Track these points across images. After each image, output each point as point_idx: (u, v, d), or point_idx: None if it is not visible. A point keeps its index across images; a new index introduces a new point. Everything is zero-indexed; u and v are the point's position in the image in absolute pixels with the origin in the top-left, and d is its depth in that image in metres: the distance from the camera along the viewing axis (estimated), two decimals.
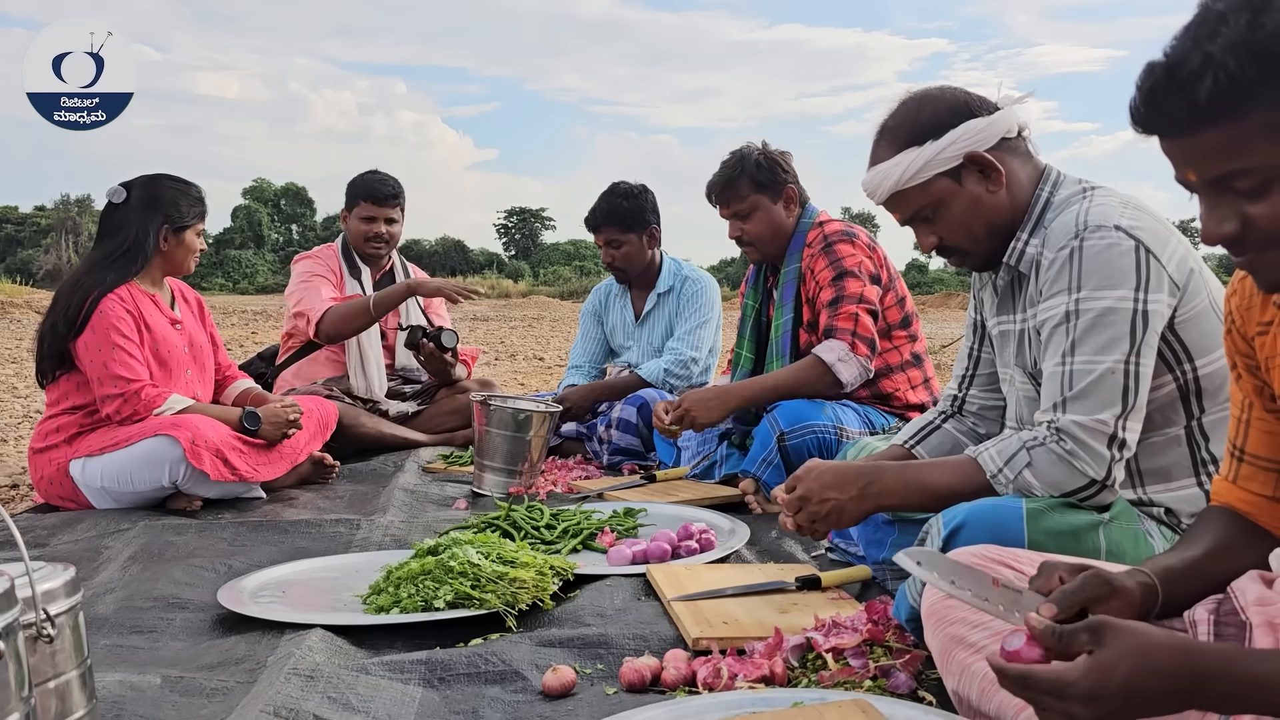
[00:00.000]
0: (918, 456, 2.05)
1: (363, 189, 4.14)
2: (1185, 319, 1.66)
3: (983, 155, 1.73)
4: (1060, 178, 1.80)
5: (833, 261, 3.01)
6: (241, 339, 12.46)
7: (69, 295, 3.04)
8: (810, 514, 1.78)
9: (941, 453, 2.05)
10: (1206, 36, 0.93)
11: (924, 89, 1.81)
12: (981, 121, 1.73)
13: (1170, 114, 0.97)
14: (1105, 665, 0.93)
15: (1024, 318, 1.82)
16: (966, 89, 1.80)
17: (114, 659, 1.77)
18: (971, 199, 1.76)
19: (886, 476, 1.76)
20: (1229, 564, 1.22)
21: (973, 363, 2.07)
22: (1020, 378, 1.85)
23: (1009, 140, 1.76)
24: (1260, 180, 0.96)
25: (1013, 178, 1.77)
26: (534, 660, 1.68)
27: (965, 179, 1.75)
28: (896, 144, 1.76)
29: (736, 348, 3.36)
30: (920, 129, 1.74)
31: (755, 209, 3.11)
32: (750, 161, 3.10)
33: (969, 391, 2.07)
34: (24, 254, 52.94)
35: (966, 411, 2.08)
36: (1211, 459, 1.69)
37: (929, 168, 1.73)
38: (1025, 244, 1.78)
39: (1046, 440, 1.63)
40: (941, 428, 2.08)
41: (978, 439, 2.05)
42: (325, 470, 3.47)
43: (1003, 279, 1.86)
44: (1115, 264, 1.63)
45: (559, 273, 49.51)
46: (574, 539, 2.43)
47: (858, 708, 1.32)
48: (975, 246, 1.81)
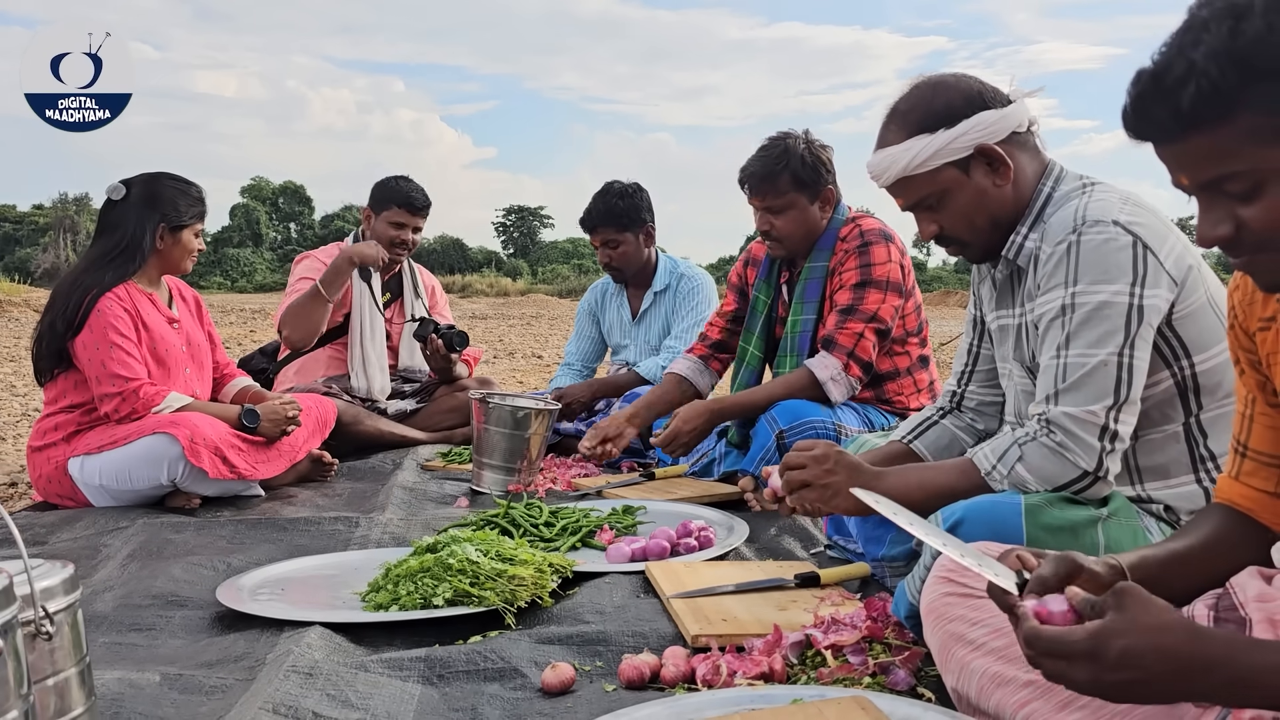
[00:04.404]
0: (916, 451, 2.06)
1: (398, 195, 4.08)
2: (1183, 315, 1.66)
3: (993, 148, 1.72)
4: (1062, 173, 1.80)
5: (863, 265, 2.93)
6: (240, 337, 12.45)
7: (67, 294, 3.04)
8: (812, 476, 1.77)
9: (939, 448, 2.06)
10: (1190, 44, 0.94)
11: (939, 75, 1.80)
12: (994, 114, 1.72)
13: (1158, 121, 0.98)
14: (1109, 631, 0.93)
15: (1022, 312, 1.82)
16: (981, 79, 1.78)
17: (113, 656, 1.77)
18: (978, 191, 1.75)
19: (889, 476, 1.78)
20: (1224, 560, 1.22)
21: (972, 359, 2.07)
22: (1019, 372, 1.85)
23: (1019, 135, 1.76)
24: (1250, 183, 0.97)
25: (1019, 172, 1.76)
26: (533, 657, 1.68)
27: (973, 170, 1.74)
28: (908, 129, 1.75)
29: (743, 343, 3.25)
30: (933, 116, 1.73)
31: (791, 206, 2.96)
32: (795, 157, 2.92)
33: (968, 387, 2.07)
34: (22, 252, 52.86)
35: (965, 407, 2.08)
36: (1210, 456, 1.69)
37: (938, 156, 1.72)
38: (1024, 238, 1.78)
39: (1038, 434, 1.64)
40: (940, 423, 2.08)
41: (976, 434, 2.05)
42: (324, 468, 3.46)
43: (1001, 273, 1.86)
44: (1112, 259, 1.63)
45: (557, 271, 49.49)
46: (573, 536, 2.43)
47: (857, 704, 1.32)
48: (976, 238, 1.81)
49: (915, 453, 2.06)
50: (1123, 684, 0.93)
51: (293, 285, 4.04)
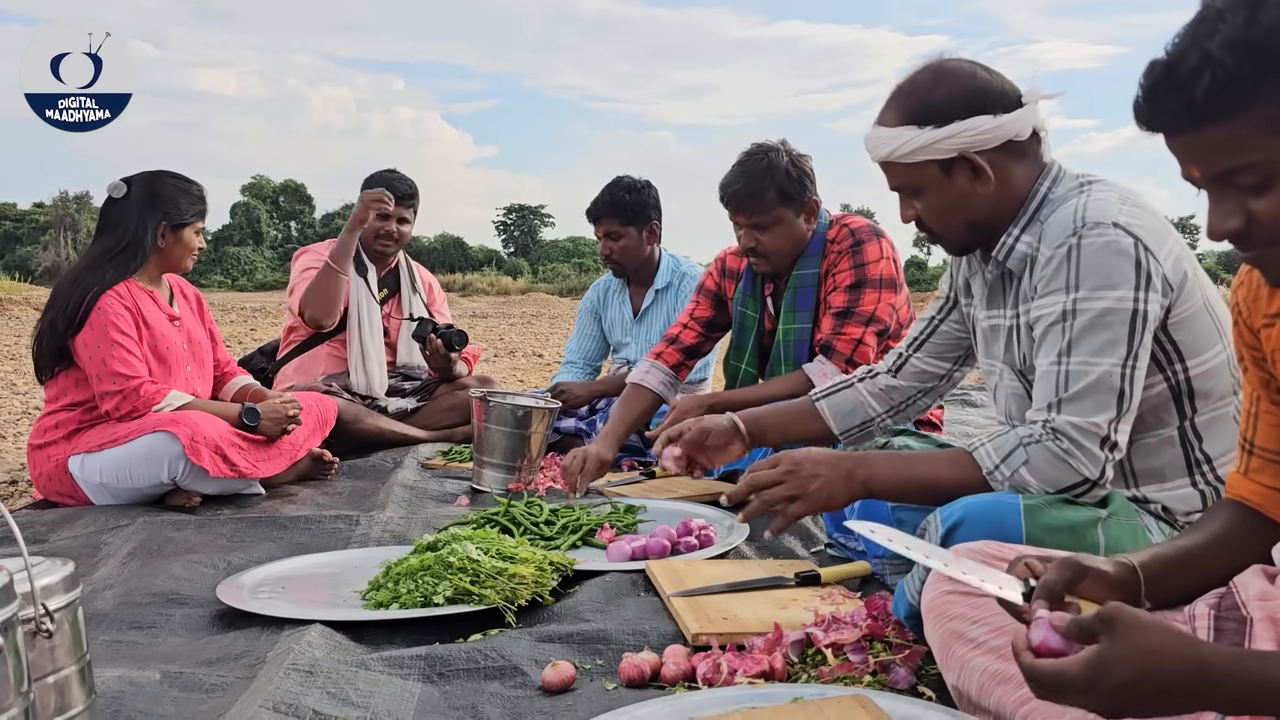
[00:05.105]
0: (819, 410, 2.13)
1: (379, 186, 4.11)
2: (1179, 320, 1.65)
3: (975, 157, 1.70)
4: (1061, 172, 1.78)
5: (856, 265, 2.91)
6: (240, 335, 12.45)
7: (68, 292, 3.04)
8: (798, 486, 1.74)
9: (842, 413, 2.12)
10: (1205, 34, 0.93)
11: (955, 62, 1.75)
12: (990, 121, 1.69)
13: (1171, 112, 0.97)
14: (1105, 660, 0.92)
15: (1015, 314, 1.80)
16: (995, 73, 1.73)
17: (113, 654, 1.78)
18: (956, 193, 1.74)
19: (877, 461, 1.76)
20: (1234, 556, 1.21)
21: (930, 329, 2.08)
22: (1009, 375, 1.84)
23: (1016, 143, 1.72)
24: (1263, 175, 0.96)
25: (1007, 180, 1.73)
26: (533, 656, 1.68)
27: (955, 173, 1.73)
28: (902, 115, 1.73)
29: (734, 360, 3.20)
30: (928, 109, 1.70)
31: (778, 222, 2.90)
32: (780, 171, 2.86)
33: (915, 353, 2.09)
34: (22, 251, 52.87)
35: (904, 373, 2.09)
36: (1206, 459, 1.69)
37: (921, 152, 1.71)
38: (1017, 240, 1.76)
39: (1043, 438, 1.63)
40: (853, 387, 2.13)
41: (888, 405, 2.11)
42: (324, 466, 3.47)
43: (991, 273, 1.85)
44: (1114, 263, 1.62)
45: (558, 270, 49.47)
46: (573, 535, 2.43)
47: (857, 703, 1.32)
48: (949, 234, 1.81)
49: (819, 411, 2.13)
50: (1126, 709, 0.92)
51: (299, 276, 4.07)
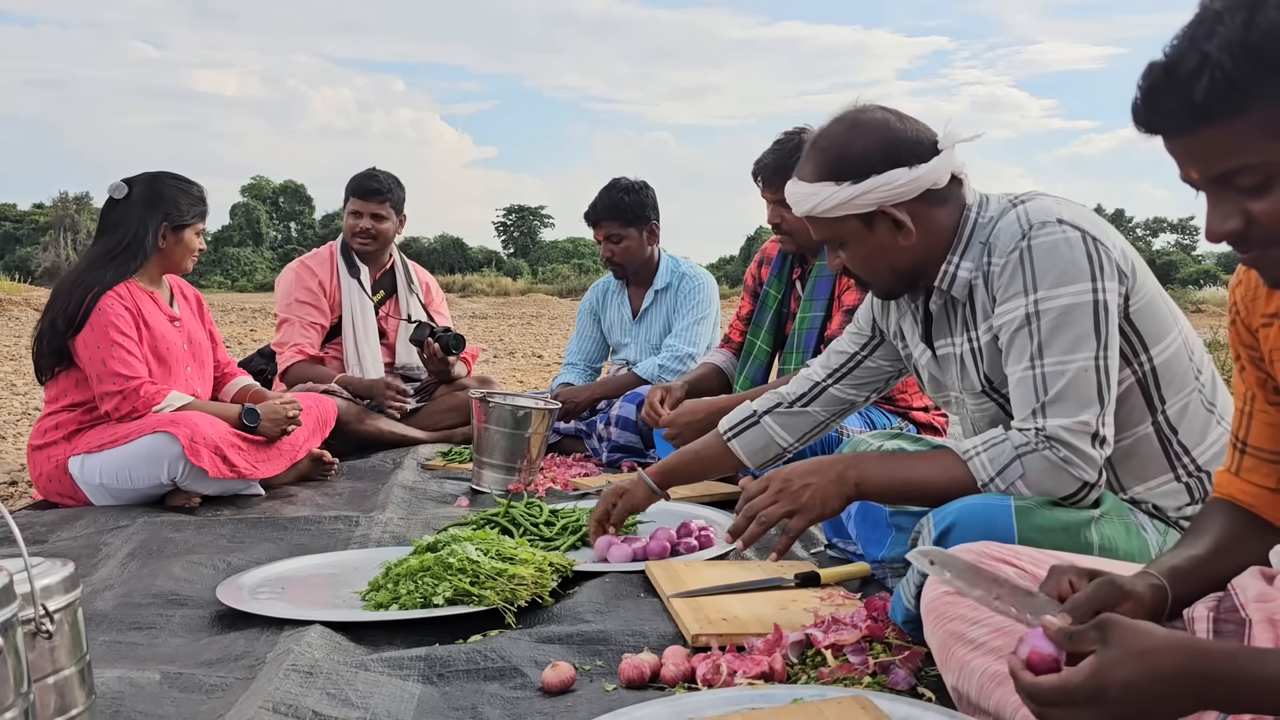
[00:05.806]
0: (733, 449, 2.13)
1: (352, 184, 4.18)
2: (1139, 307, 1.68)
3: (894, 212, 1.72)
4: (986, 200, 1.79)
5: None
6: (240, 336, 12.45)
7: (68, 292, 3.04)
8: (792, 500, 1.76)
9: (755, 449, 2.12)
10: (1204, 36, 0.93)
11: (868, 113, 1.75)
12: (906, 174, 1.70)
13: (1170, 114, 0.97)
14: (1106, 665, 0.92)
15: (967, 338, 1.80)
16: (909, 122, 1.73)
17: (113, 655, 1.78)
18: (878, 245, 1.76)
19: (868, 462, 1.77)
20: (1233, 560, 1.22)
21: (853, 363, 2.09)
22: (971, 400, 1.84)
23: (935, 191, 1.73)
24: (1262, 177, 0.96)
25: (929, 226, 1.75)
26: (533, 656, 1.68)
27: (876, 226, 1.75)
28: (819, 171, 1.75)
29: (751, 336, 3.28)
30: (844, 165, 1.71)
31: None
32: None
33: (834, 385, 2.09)
34: (22, 251, 52.85)
35: (819, 401, 2.10)
36: (1185, 450, 1.71)
37: (840, 208, 1.73)
38: (956, 267, 1.77)
39: (1039, 448, 1.62)
40: (759, 424, 2.12)
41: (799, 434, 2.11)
42: (324, 467, 3.47)
43: (935, 303, 1.85)
44: (1067, 258, 1.64)
45: (557, 270, 49.44)
46: (573, 536, 2.43)
47: (857, 704, 1.32)
48: (876, 281, 1.84)
49: (733, 449, 2.13)
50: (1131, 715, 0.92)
51: (288, 305, 4.11)
